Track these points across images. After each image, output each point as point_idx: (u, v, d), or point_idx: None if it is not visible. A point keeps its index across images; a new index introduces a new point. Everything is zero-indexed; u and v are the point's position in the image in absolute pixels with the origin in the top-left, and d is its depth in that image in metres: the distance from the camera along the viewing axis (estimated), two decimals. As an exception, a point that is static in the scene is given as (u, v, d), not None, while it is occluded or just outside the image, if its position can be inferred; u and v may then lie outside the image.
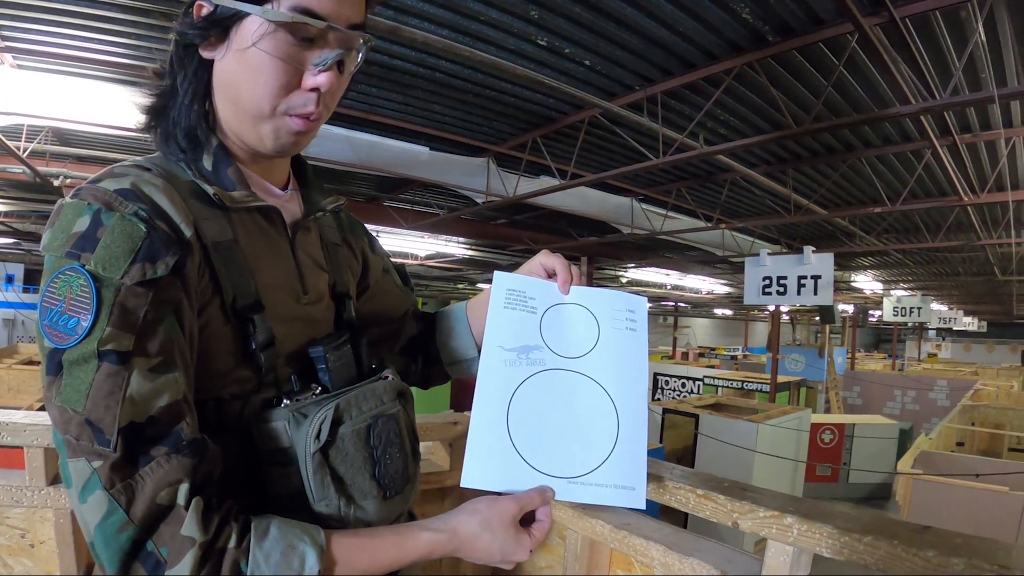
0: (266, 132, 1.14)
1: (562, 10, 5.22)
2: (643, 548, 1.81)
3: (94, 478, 0.88)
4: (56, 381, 0.90)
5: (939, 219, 12.77)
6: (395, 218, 11.85)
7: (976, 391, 16.00)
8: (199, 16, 1.09)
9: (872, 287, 24.33)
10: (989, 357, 48.89)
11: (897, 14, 4.87)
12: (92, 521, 0.88)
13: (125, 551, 0.87)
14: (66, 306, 0.91)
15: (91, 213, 0.95)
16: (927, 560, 1.24)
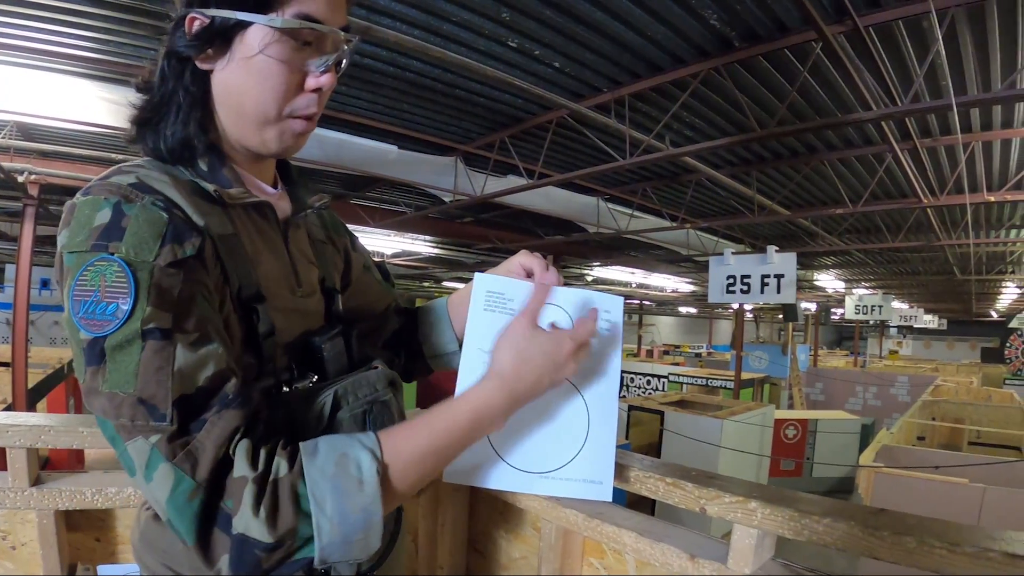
0: (271, 136, 1.19)
1: (533, 13, 5.27)
2: (615, 535, 1.89)
3: (155, 453, 0.91)
4: (100, 370, 0.92)
5: (900, 220, 12.98)
6: (362, 216, 11.82)
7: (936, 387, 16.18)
8: (192, 29, 1.12)
9: (834, 286, 24.57)
10: (949, 354, 49.46)
11: (861, 23, 4.99)
12: (162, 497, 0.90)
13: (199, 517, 0.91)
14: (102, 295, 0.93)
15: (110, 206, 0.98)
16: (882, 539, 1.33)
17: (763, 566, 1.60)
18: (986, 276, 20.06)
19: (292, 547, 0.94)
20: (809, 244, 15.05)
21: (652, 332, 50.32)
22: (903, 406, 17.79)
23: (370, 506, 0.98)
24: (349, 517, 0.96)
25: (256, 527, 0.90)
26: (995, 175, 9.38)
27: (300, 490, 0.95)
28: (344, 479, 0.97)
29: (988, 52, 5.72)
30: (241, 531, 0.90)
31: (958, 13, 5.02)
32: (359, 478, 0.98)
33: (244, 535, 0.90)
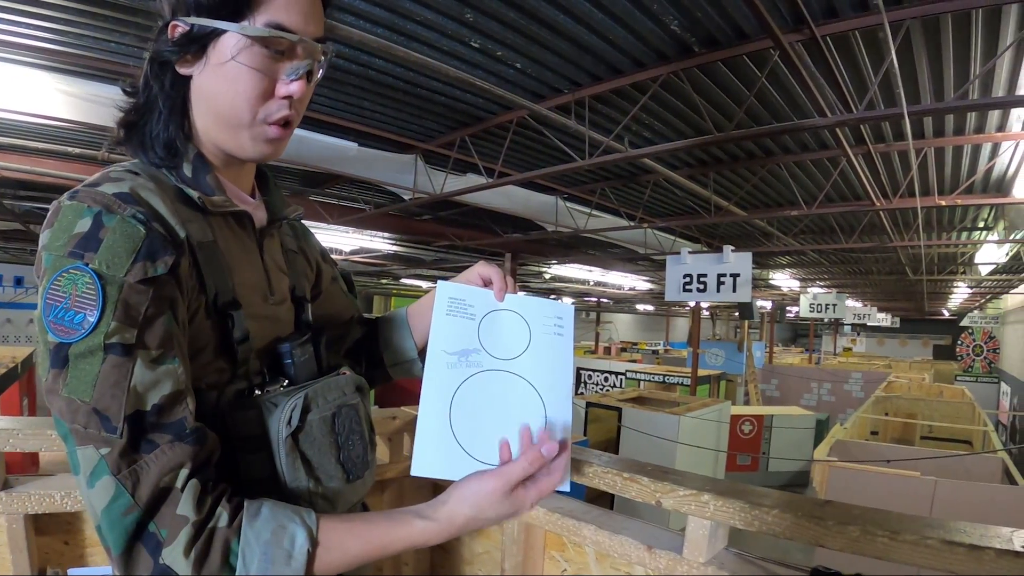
0: (245, 139, 1.23)
1: (496, 14, 5.30)
2: (575, 528, 1.96)
3: (101, 464, 0.95)
4: (62, 373, 0.96)
5: (853, 221, 13.18)
6: (321, 213, 11.78)
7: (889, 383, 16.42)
8: (174, 36, 1.18)
9: (789, 284, 24.81)
10: (902, 351, 50.06)
11: (818, 32, 5.09)
12: (99, 505, 0.94)
13: (129, 533, 0.94)
14: (71, 302, 0.97)
15: (92, 215, 1.02)
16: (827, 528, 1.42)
17: (716, 556, 1.68)
18: (937, 276, 20.40)
19: None
20: (765, 244, 15.20)
21: (609, 329, 50.44)
22: (857, 402, 18.01)
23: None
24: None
25: (182, 566, 0.95)
26: (947, 179, 9.58)
27: (232, 546, 0.99)
28: (275, 549, 1.01)
29: (942, 63, 5.87)
30: (167, 563, 0.95)
31: (913, 25, 5.15)
32: (290, 552, 1.02)
33: (169, 567, 0.95)
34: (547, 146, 8.36)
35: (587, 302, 40.13)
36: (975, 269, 18.92)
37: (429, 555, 2.68)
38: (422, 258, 18.68)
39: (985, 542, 1.30)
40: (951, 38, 5.45)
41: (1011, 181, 9.08)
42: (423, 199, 9.63)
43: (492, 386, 1.40)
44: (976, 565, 1.29)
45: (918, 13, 4.94)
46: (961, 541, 1.31)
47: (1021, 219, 10.79)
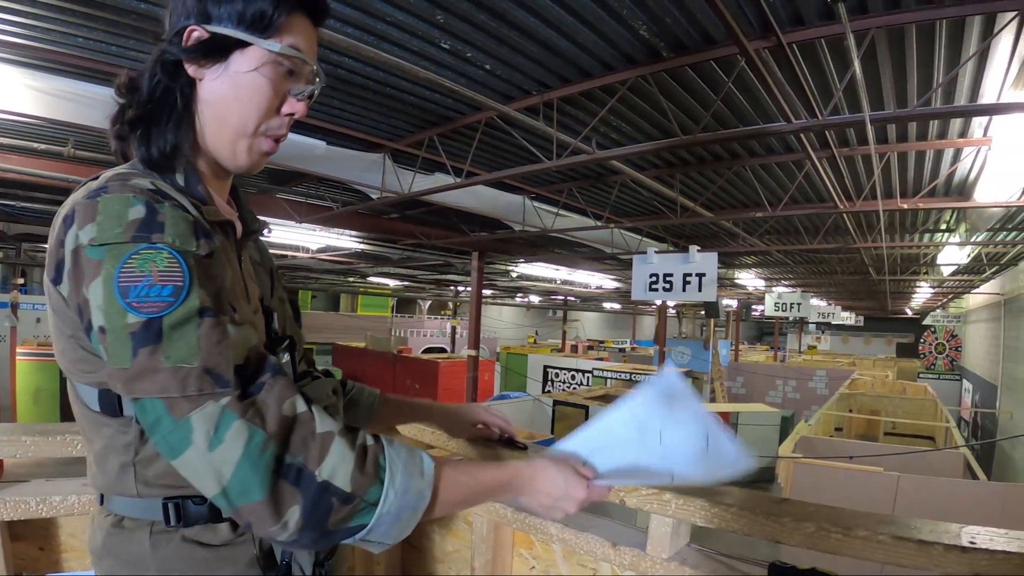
0: (242, 148, 1.33)
1: (466, 16, 5.33)
2: (542, 527, 2.02)
3: (227, 414, 1.02)
4: (158, 348, 1.02)
5: (818, 223, 13.29)
6: (288, 211, 11.75)
7: (853, 380, 16.68)
8: (190, 40, 1.26)
9: (755, 284, 24.96)
10: (867, 349, 50.77)
11: (784, 39, 5.18)
12: (235, 454, 1.01)
13: (271, 469, 1.01)
14: (155, 279, 1.04)
15: (142, 203, 1.10)
16: (783, 525, 1.49)
17: (679, 552, 1.75)
18: (900, 276, 20.60)
19: (358, 507, 1.07)
20: (730, 244, 15.31)
21: (577, 328, 50.55)
22: (821, 399, 18.29)
23: (424, 491, 1.15)
24: (409, 494, 1.12)
25: (343, 472, 1.05)
26: (910, 183, 9.72)
27: (381, 460, 1.12)
28: (412, 464, 1.15)
29: (906, 71, 5.98)
30: (326, 477, 1.04)
31: (878, 34, 5.24)
32: (422, 468, 1.16)
33: (328, 482, 1.04)
34: (516, 146, 8.39)
35: (554, 300, 40.17)
36: (937, 270, 19.15)
37: (400, 554, 2.73)
38: (389, 256, 18.61)
39: (934, 537, 1.37)
40: (915, 47, 5.56)
41: (972, 185, 9.22)
42: (391, 198, 9.63)
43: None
44: (925, 560, 1.36)
45: (882, 23, 5.03)
46: (910, 537, 1.37)
47: (982, 222, 10.97)
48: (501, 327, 41.87)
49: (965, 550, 1.34)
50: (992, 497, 6.72)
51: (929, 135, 7.91)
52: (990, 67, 5.83)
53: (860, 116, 5.62)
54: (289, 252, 17.59)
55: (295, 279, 28.45)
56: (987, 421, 20.73)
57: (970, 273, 19.90)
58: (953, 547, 1.35)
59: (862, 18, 5.09)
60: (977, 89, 6.28)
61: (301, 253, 17.63)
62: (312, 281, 29.88)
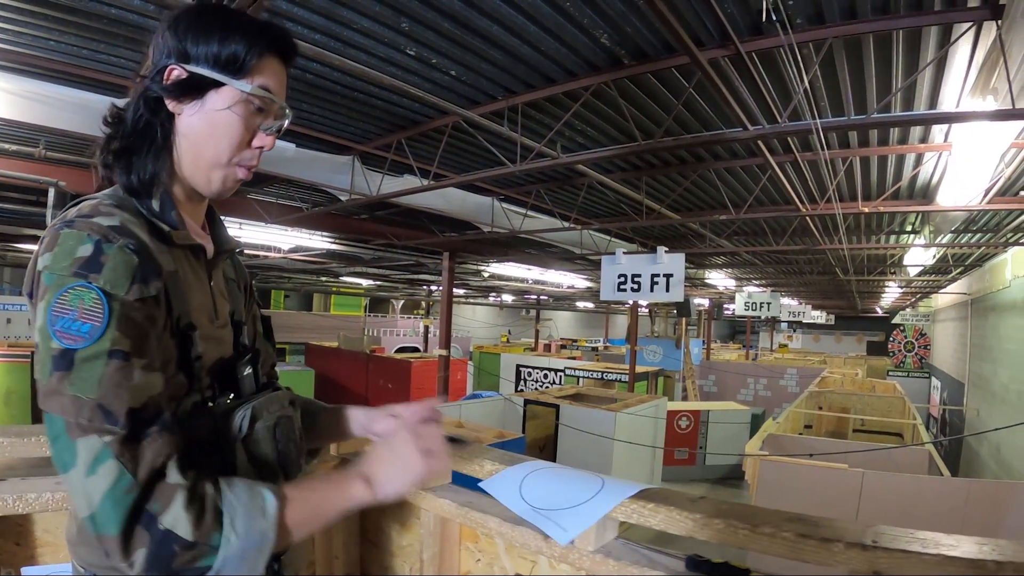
0: (216, 177, 1.46)
1: (431, 24, 5.41)
2: (483, 521, 2.13)
3: (105, 451, 1.10)
4: (66, 375, 1.13)
5: (784, 224, 13.44)
6: (259, 212, 11.78)
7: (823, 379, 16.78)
8: (171, 79, 1.38)
9: (725, 283, 25.10)
10: (837, 347, 51.12)
11: (743, 48, 5.31)
12: (102, 488, 1.09)
13: (129, 511, 1.09)
14: (79, 314, 1.14)
15: (93, 242, 1.20)
16: (695, 520, 1.60)
17: (605, 545, 1.86)
18: (867, 277, 20.80)
19: (201, 552, 1.13)
20: (698, 245, 15.42)
21: (549, 327, 50.60)
22: (792, 396, 18.40)
23: (267, 531, 1.20)
24: (251, 536, 1.17)
25: (183, 523, 1.10)
26: (873, 185, 9.90)
27: (220, 505, 1.17)
28: (253, 507, 1.20)
29: (864, 78, 6.10)
30: (168, 526, 1.10)
31: (836, 43, 5.38)
32: (263, 508, 1.21)
33: (170, 530, 1.10)
34: (483, 149, 8.45)
35: (527, 299, 40.16)
36: (905, 270, 19.36)
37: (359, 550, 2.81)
38: (361, 256, 18.60)
39: (836, 535, 1.47)
40: (873, 56, 5.69)
41: (935, 188, 9.37)
42: (360, 200, 9.67)
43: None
44: (827, 556, 1.45)
45: (839, 32, 5.16)
46: (812, 534, 1.48)
47: (946, 224, 11.14)
48: (475, 326, 41.81)
49: (866, 548, 1.42)
50: (955, 493, 6.81)
51: (891, 140, 8.06)
52: (948, 75, 5.97)
53: (806, 124, 5.77)
54: (261, 252, 17.54)
55: (268, 279, 28.35)
56: (955, 418, 20.99)
57: (937, 273, 20.16)
58: (854, 545, 1.44)
59: (819, 28, 5.22)
60: (936, 97, 6.42)
61: (273, 253, 17.58)
62: (285, 281, 29.73)
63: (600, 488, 1.83)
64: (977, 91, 5.26)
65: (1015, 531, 6.39)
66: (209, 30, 1.39)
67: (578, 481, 1.92)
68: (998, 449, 15.00)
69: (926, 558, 1.37)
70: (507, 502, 1.91)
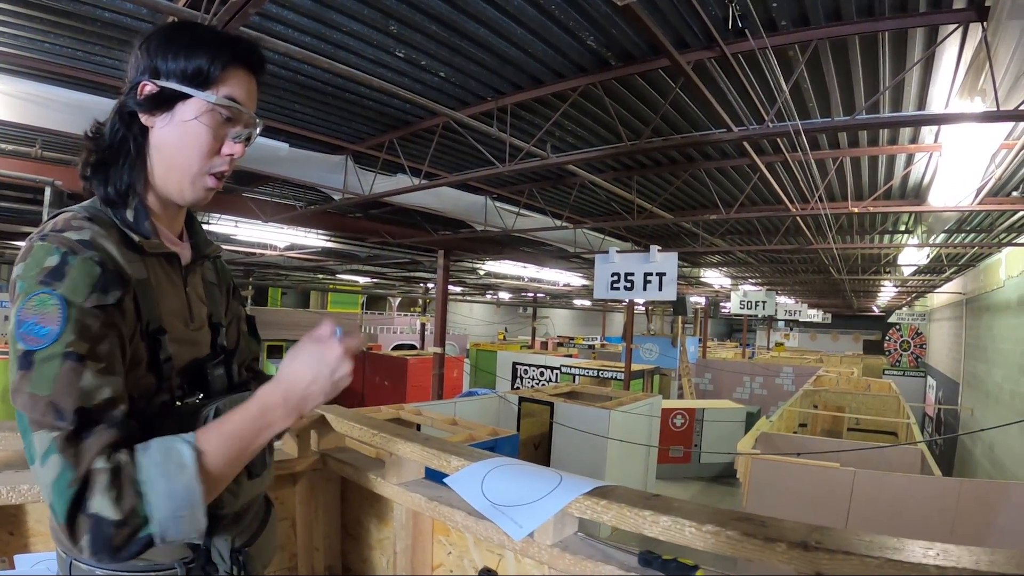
0: (187, 185, 1.52)
1: (419, 26, 5.46)
2: (450, 514, 2.21)
3: (52, 445, 1.16)
4: (27, 374, 1.20)
5: (778, 224, 13.46)
6: (254, 210, 11.84)
7: (818, 377, 16.74)
8: (143, 94, 1.46)
9: (721, 282, 25.06)
10: (834, 346, 51.04)
11: (728, 50, 5.33)
12: (49, 479, 1.15)
13: (71, 502, 1.13)
14: (40, 319, 1.21)
15: (60, 254, 1.28)
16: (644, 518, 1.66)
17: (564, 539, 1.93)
18: (861, 276, 20.79)
19: (136, 524, 1.18)
20: (691, 244, 15.43)
21: (546, 324, 50.58)
22: (788, 395, 18.33)
23: (191, 483, 1.23)
24: (176, 494, 1.21)
25: (106, 507, 1.15)
26: (865, 185, 9.93)
27: (135, 475, 1.20)
28: (168, 465, 1.23)
29: (851, 79, 6.12)
30: (95, 511, 1.14)
31: (821, 44, 5.40)
32: (180, 463, 1.24)
33: (98, 515, 1.14)
34: (474, 149, 8.46)
35: (524, 297, 40.13)
36: (899, 270, 19.36)
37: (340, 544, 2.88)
38: (356, 254, 18.63)
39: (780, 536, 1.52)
40: (859, 57, 5.71)
41: (927, 189, 9.35)
42: (353, 199, 9.71)
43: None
44: (770, 555, 1.51)
45: (824, 34, 5.18)
46: (756, 534, 1.54)
47: (939, 224, 11.14)
48: (471, 324, 41.78)
49: (808, 548, 1.46)
50: (947, 492, 6.79)
51: (881, 141, 8.08)
52: (936, 77, 5.99)
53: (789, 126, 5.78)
54: (257, 250, 17.66)
55: (265, 276, 28.40)
56: (950, 417, 20.99)
57: (931, 273, 20.17)
58: (796, 545, 1.48)
59: (804, 30, 5.25)
60: (924, 98, 6.44)
61: (269, 251, 17.67)
62: (282, 278, 29.77)
63: (557, 484, 1.88)
64: (965, 92, 5.27)
65: (1006, 531, 6.40)
66: (177, 46, 1.47)
67: (537, 477, 1.96)
68: (991, 448, 15.03)
69: (868, 560, 1.40)
70: (469, 498, 1.95)
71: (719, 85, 6.18)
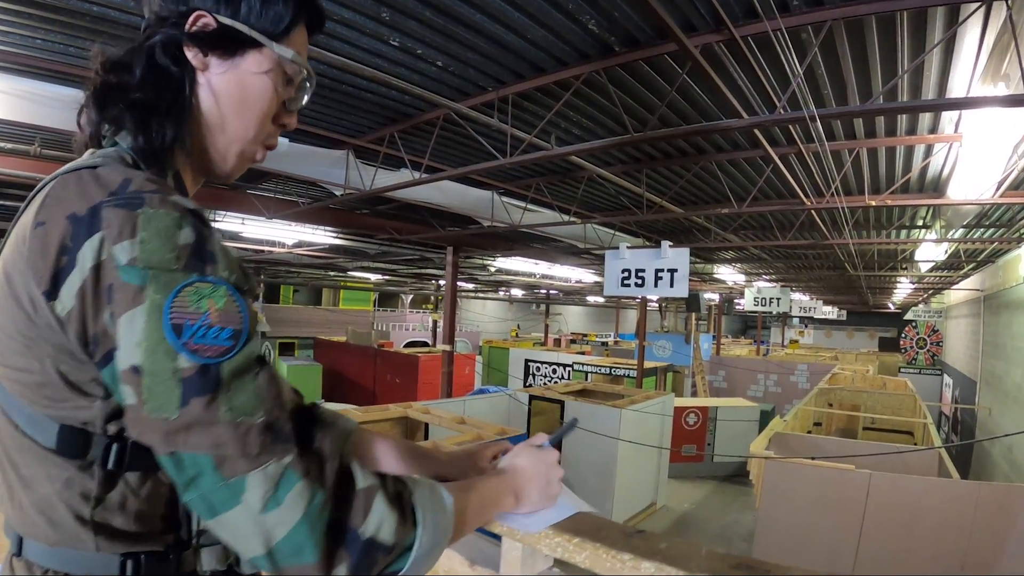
0: (233, 153, 1.24)
1: (412, 12, 5.27)
2: None
3: (289, 474, 0.91)
4: (217, 398, 0.90)
5: (792, 218, 13.28)
6: (258, 207, 11.71)
7: (833, 375, 16.65)
8: (196, 25, 1.14)
9: (735, 278, 24.96)
10: (849, 343, 50.92)
11: (737, 33, 5.10)
12: (294, 517, 0.89)
13: (326, 530, 0.91)
14: (214, 319, 0.92)
15: (191, 226, 0.95)
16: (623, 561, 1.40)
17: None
18: (877, 272, 20.60)
19: (397, 554, 1.00)
20: (703, 240, 15.27)
21: (559, 321, 50.58)
22: (803, 393, 18.31)
23: (448, 525, 1.10)
24: (438, 532, 1.06)
25: (388, 528, 0.96)
26: (882, 178, 9.69)
27: (414, 502, 1.04)
28: (436, 502, 1.09)
29: (868, 64, 5.87)
30: (371, 534, 0.95)
31: (836, 26, 5.13)
32: (443, 503, 1.11)
33: (372, 538, 0.95)
34: (476, 142, 8.31)
35: (536, 294, 40.14)
36: (915, 266, 19.17)
37: None
38: (366, 251, 18.62)
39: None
40: (876, 40, 5.44)
41: (945, 182, 9.14)
42: (354, 194, 9.59)
43: None
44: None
45: (839, 15, 4.92)
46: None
47: (958, 218, 10.90)
48: (484, 321, 41.86)
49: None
50: (965, 496, 6.65)
51: (899, 131, 7.79)
52: (957, 61, 5.71)
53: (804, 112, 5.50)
54: (265, 247, 17.68)
55: (276, 273, 28.50)
56: (967, 416, 20.78)
57: (949, 269, 19.95)
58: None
59: (818, 10, 4.99)
60: (944, 84, 6.18)
61: (277, 248, 17.68)
62: (293, 275, 29.88)
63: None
64: (988, 77, 5.02)
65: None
66: None
67: None
68: (1010, 450, 14.79)
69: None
70: None
71: (728, 71, 5.94)
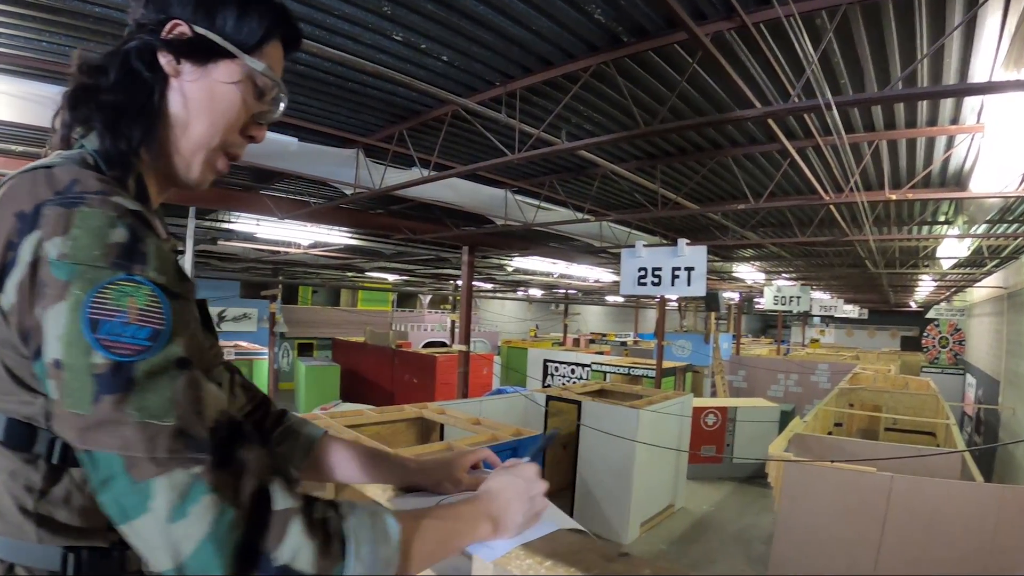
0: (197, 161, 1.24)
1: (414, 5, 5.18)
2: None
3: (197, 485, 0.86)
4: (127, 397, 0.87)
5: (811, 215, 13.12)
6: (270, 207, 11.68)
7: (855, 375, 16.49)
8: (172, 33, 1.17)
9: (754, 277, 24.82)
10: (871, 342, 50.78)
11: (749, 20, 4.98)
12: (199, 532, 0.84)
13: (235, 551, 0.85)
14: (132, 317, 0.90)
15: (124, 226, 0.95)
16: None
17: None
18: (898, 270, 20.43)
19: None
20: (721, 237, 15.14)
21: (578, 321, 50.45)
22: (824, 393, 18.17)
23: (391, 558, 1.01)
24: (376, 566, 0.98)
25: (305, 555, 0.89)
26: (902, 172, 9.52)
27: (344, 535, 0.95)
28: (376, 532, 1.00)
29: (886, 50, 5.70)
30: (285, 561, 0.88)
31: (851, 10, 4.97)
32: (387, 532, 1.02)
33: (287, 566, 0.88)
34: (484, 138, 8.22)
35: (555, 294, 40.16)
36: (937, 263, 18.96)
37: None
38: (381, 251, 18.66)
39: None
40: (894, 25, 5.27)
41: (968, 175, 8.94)
42: (370, 192, 9.53)
43: None
44: None
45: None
46: None
47: (981, 213, 10.68)
48: (503, 321, 41.90)
49: None
50: (988, 499, 6.54)
51: (919, 122, 7.60)
52: (978, 47, 5.54)
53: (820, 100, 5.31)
54: (280, 248, 17.83)
55: (294, 274, 28.64)
56: (990, 417, 20.54)
57: (972, 266, 19.70)
58: None
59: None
60: (965, 71, 6.01)
61: (293, 248, 17.83)
62: (311, 276, 30.07)
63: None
64: (1011, 63, 4.84)
65: (1050, 542, 6.17)
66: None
67: None
68: (1034, 451, 14.58)
69: None
70: None
71: (741, 60, 5.80)
